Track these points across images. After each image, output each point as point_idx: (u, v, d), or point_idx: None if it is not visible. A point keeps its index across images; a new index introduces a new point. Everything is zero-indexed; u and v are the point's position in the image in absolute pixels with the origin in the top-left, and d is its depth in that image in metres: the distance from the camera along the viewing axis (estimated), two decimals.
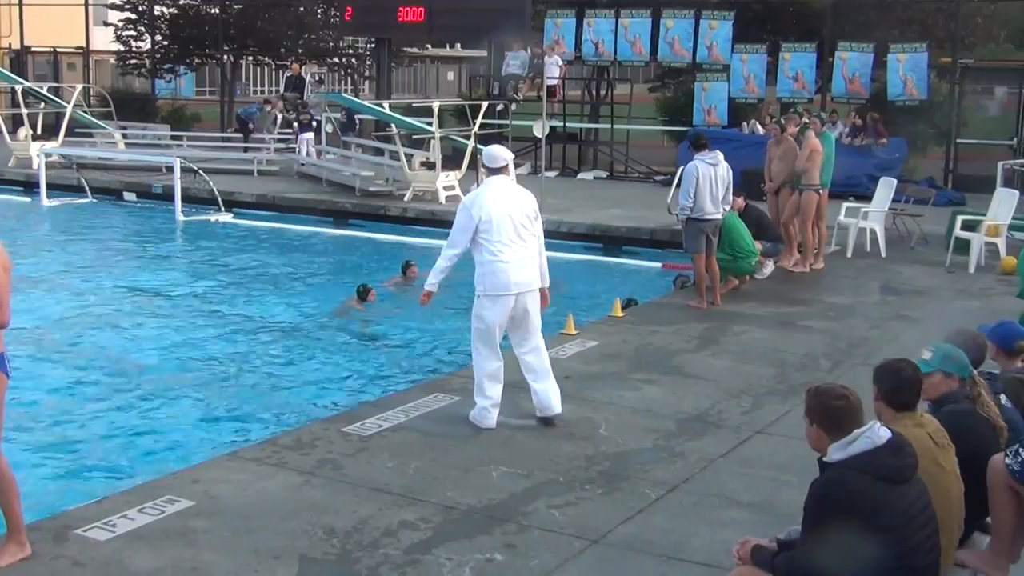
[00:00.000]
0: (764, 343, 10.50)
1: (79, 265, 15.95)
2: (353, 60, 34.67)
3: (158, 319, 12.82)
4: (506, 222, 7.66)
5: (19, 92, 25.25)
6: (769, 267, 13.66)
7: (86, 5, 32.33)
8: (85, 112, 26.72)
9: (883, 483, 4.21)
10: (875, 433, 4.31)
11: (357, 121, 24.94)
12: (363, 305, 13.03)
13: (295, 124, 24.15)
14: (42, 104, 26.65)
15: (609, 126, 25.34)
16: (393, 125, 21.20)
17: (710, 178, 11.59)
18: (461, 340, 12.08)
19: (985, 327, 6.29)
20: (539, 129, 19.74)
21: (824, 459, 4.35)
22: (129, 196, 21.97)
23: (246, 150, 25.18)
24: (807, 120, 14.04)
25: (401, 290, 14.23)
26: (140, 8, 32.70)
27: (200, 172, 20.91)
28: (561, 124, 25.22)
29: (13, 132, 24.89)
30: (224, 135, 27.40)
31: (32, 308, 13.05)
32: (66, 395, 9.86)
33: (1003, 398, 5.30)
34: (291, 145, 24.71)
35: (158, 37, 32.72)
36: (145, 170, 22.95)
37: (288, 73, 28.64)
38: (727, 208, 12.19)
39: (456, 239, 7.74)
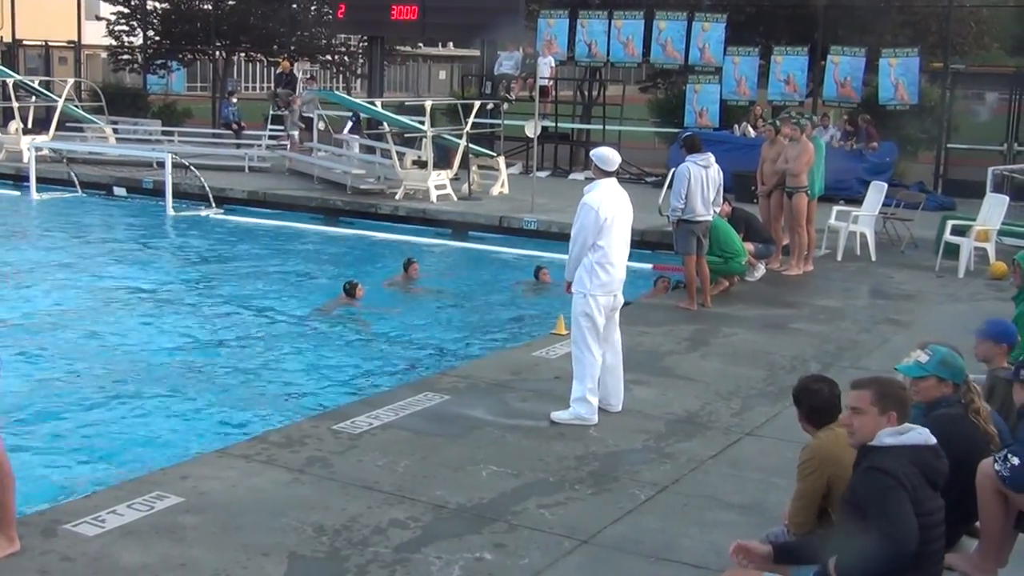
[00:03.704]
0: (754, 345, 10.52)
1: (68, 260, 15.89)
2: (346, 58, 34.65)
3: (147, 314, 12.79)
4: (619, 223, 8.03)
5: (10, 86, 25.16)
6: (760, 269, 13.69)
7: None
8: (76, 106, 26.64)
9: (924, 480, 4.33)
10: (925, 434, 4.46)
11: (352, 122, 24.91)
12: (355, 302, 13.00)
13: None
14: (33, 98, 26.56)
15: (601, 127, 25.33)
16: (385, 123, 21.19)
17: (701, 180, 11.63)
18: (451, 339, 12.13)
19: (988, 328, 6.35)
20: (531, 129, 19.77)
21: (872, 443, 4.44)
22: (119, 191, 21.91)
23: (238, 146, 25.15)
24: (805, 121, 14.00)
25: (401, 288, 14.24)
26: (132, 3, 32.65)
27: (191, 168, 20.86)
28: (553, 124, 25.23)
29: (4, 126, 24.82)
30: (215, 131, 27.36)
31: (21, 302, 13.05)
32: (55, 390, 9.82)
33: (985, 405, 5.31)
34: (282, 142, 24.68)
35: (150, 32, 32.70)
36: (136, 165, 22.90)
37: (278, 70, 28.60)
38: (717, 211, 12.23)
39: (585, 238, 7.96)
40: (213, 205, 20.09)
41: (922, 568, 4.28)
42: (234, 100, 27.43)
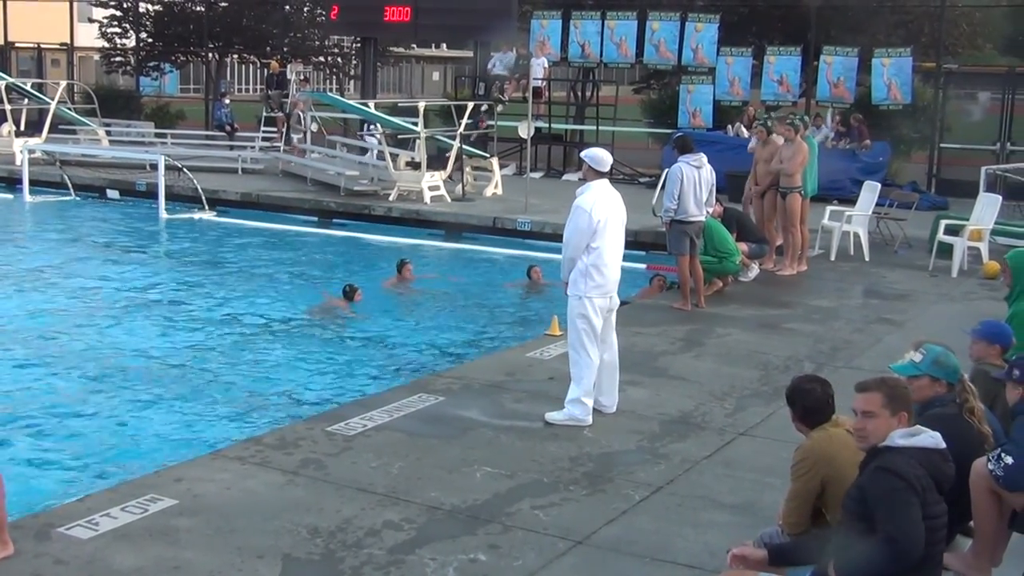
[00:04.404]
0: (748, 345, 10.52)
1: (61, 262, 15.87)
2: (339, 59, 34.62)
3: (141, 317, 12.77)
4: (612, 225, 8.00)
5: (2, 88, 25.11)
6: (754, 270, 13.70)
7: (71, 1, 32.19)
8: (69, 109, 26.61)
9: (933, 483, 4.31)
10: (937, 437, 4.42)
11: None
12: (348, 306, 13.01)
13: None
14: (25, 100, 26.51)
15: (594, 127, 25.36)
16: (378, 125, 21.16)
17: (694, 180, 11.64)
18: (445, 341, 12.12)
19: (981, 329, 6.35)
20: (524, 130, 19.77)
21: (884, 444, 4.41)
22: (112, 193, 21.87)
23: (231, 148, 25.12)
24: (799, 121, 13.99)
25: (395, 289, 14.23)
26: (125, 5, 32.60)
27: (184, 170, 20.84)
28: (546, 125, 25.23)
29: None
30: (208, 133, 27.34)
31: (13, 305, 13.02)
32: (48, 392, 9.81)
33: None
34: (275, 144, 24.65)
35: (143, 34, 32.64)
36: (129, 167, 22.87)
37: (268, 71, 28.54)
38: (710, 211, 12.23)
39: (579, 242, 7.95)
40: (206, 207, 20.06)
41: (923, 570, 4.27)
42: (227, 101, 27.38)
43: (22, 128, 25.20)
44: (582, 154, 8.38)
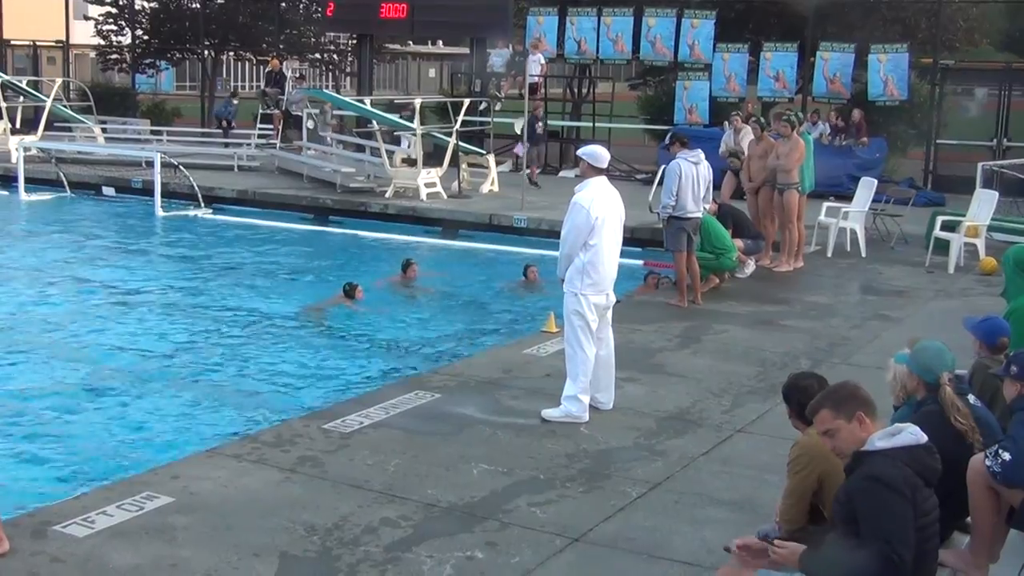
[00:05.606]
0: (745, 342, 10.52)
1: (57, 260, 15.84)
2: (335, 56, 34.59)
3: (137, 315, 12.75)
4: (609, 222, 7.97)
5: None
6: (751, 266, 13.69)
7: None
8: (64, 106, 26.56)
9: (921, 480, 4.26)
10: (917, 433, 4.37)
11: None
12: (352, 303, 12.96)
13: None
14: (21, 98, 26.46)
15: (591, 124, 25.34)
16: (374, 121, 21.14)
17: (692, 177, 11.65)
18: (442, 338, 12.11)
19: (971, 320, 6.31)
20: (520, 126, 19.74)
21: (865, 448, 4.35)
22: (108, 191, 21.84)
23: (226, 145, 25.09)
24: (793, 118, 13.97)
25: (395, 287, 14.22)
26: (121, 2, 32.55)
27: (180, 167, 20.81)
28: (543, 122, 25.18)
29: None
30: (204, 130, 27.29)
31: (8, 303, 12.99)
32: (44, 390, 9.78)
33: (971, 398, 5.28)
34: (271, 141, 24.62)
35: (138, 31, 32.59)
36: (125, 165, 22.81)
37: (267, 69, 28.51)
38: (707, 207, 12.23)
39: (576, 238, 7.94)
40: (202, 204, 20.04)
41: (919, 567, 4.25)
42: (235, 101, 27.25)
43: (18, 126, 25.17)
44: (580, 151, 8.35)
